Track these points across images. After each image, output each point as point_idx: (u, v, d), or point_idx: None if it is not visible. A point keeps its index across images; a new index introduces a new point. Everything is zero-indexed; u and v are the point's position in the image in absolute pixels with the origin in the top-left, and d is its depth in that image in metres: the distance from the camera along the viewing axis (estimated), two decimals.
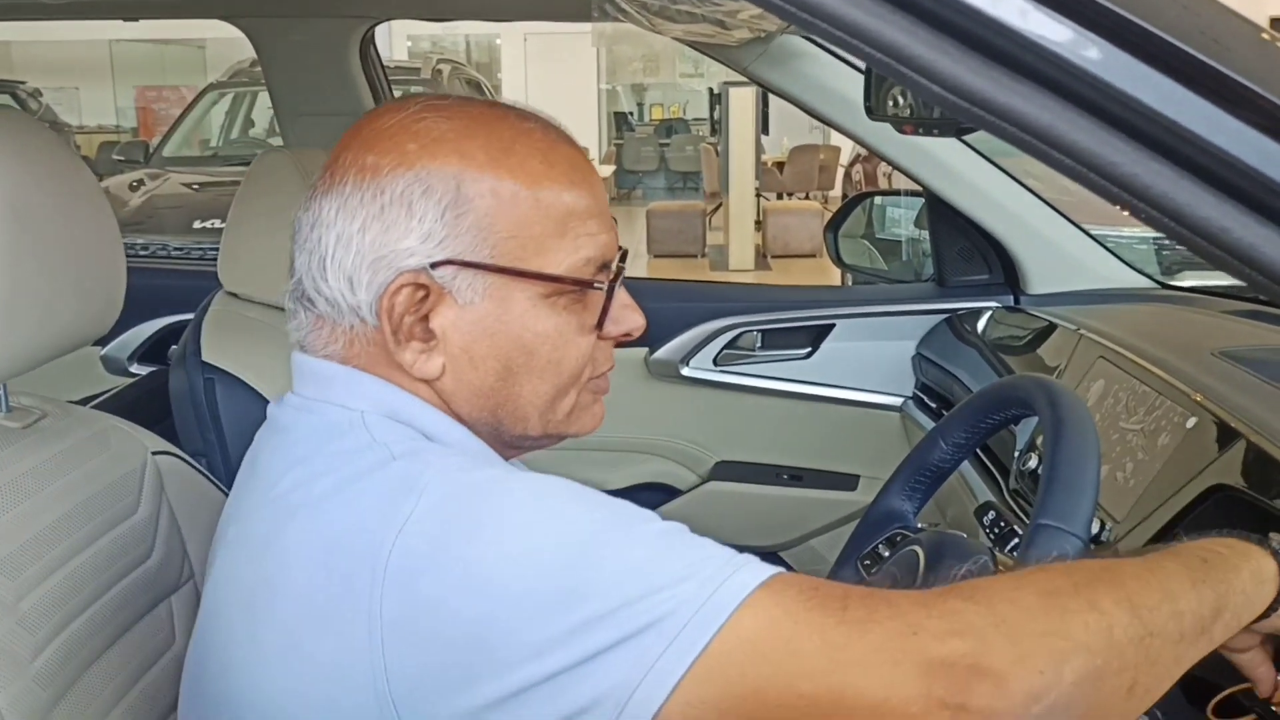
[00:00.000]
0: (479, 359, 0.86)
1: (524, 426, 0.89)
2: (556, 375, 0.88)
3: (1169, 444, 1.24)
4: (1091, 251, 2.03)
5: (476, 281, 0.84)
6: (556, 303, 0.86)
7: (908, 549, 1.01)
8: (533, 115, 0.89)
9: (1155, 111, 0.58)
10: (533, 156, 0.86)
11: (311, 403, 0.88)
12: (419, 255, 0.83)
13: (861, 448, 2.18)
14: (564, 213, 0.86)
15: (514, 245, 0.84)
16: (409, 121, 0.85)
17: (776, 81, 1.96)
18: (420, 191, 0.83)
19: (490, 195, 0.84)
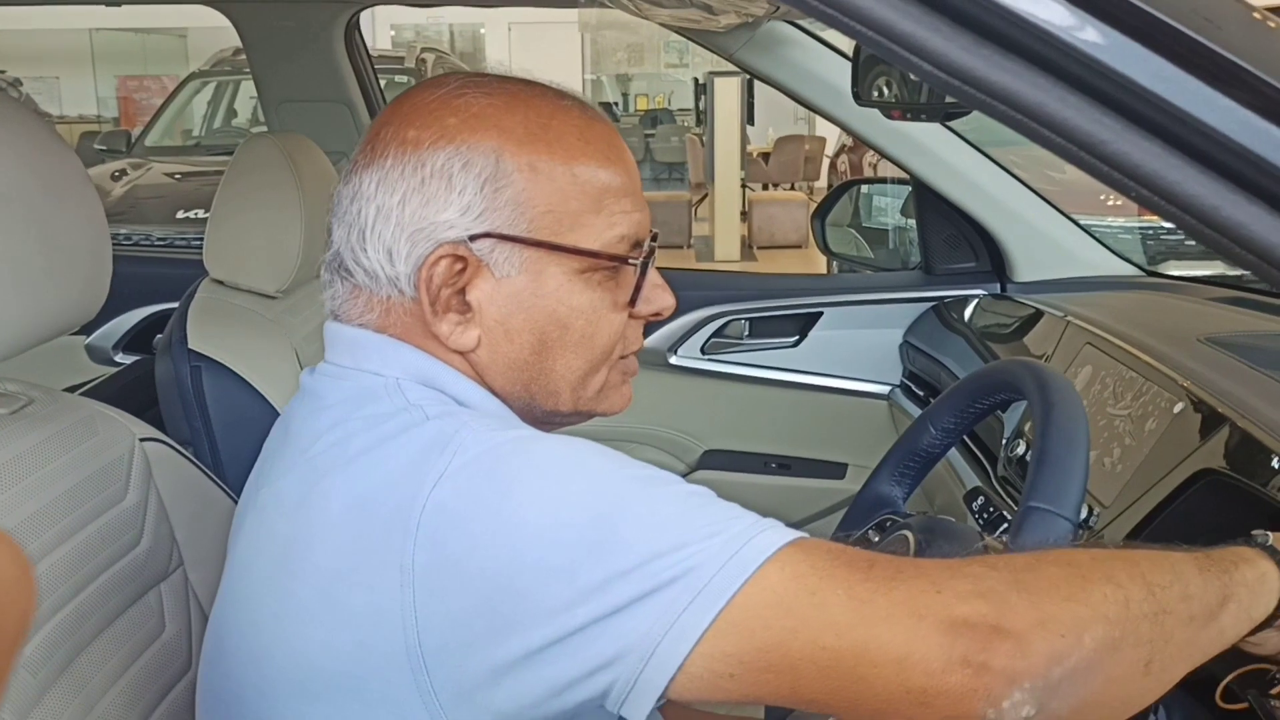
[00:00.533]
0: (514, 331, 0.87)
1: (556, 401, 0.90)
2: (589, 350, 0.89)
3: (1156, 429, 1.25)
4: (1078, 239, 2.03)
5: (514, 255, 0.86)
6: (591, 278, 0.87)
7: (898, 534, 1.01)
8: (569, 94, 0.91)
9: (1146, 89, 0.58)
10: (570, 133, 0.87)
11: (345, 370, 0.89)
12: (458, 228, 0.85)
13: (849, 436, 2.19)
14: (600, 189, 0.87)
15: (550, 220, 0.86)
16: (449, 97, 0.86)
17: (763, 68, 1.96)
18: (460, 165, 0.84)
19: (528, 170, 0.85)
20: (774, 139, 12.15)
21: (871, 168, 7.22)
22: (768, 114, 11.04)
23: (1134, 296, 1.87)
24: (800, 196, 10.49)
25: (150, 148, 7.16)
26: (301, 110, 2.06)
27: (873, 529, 1.12)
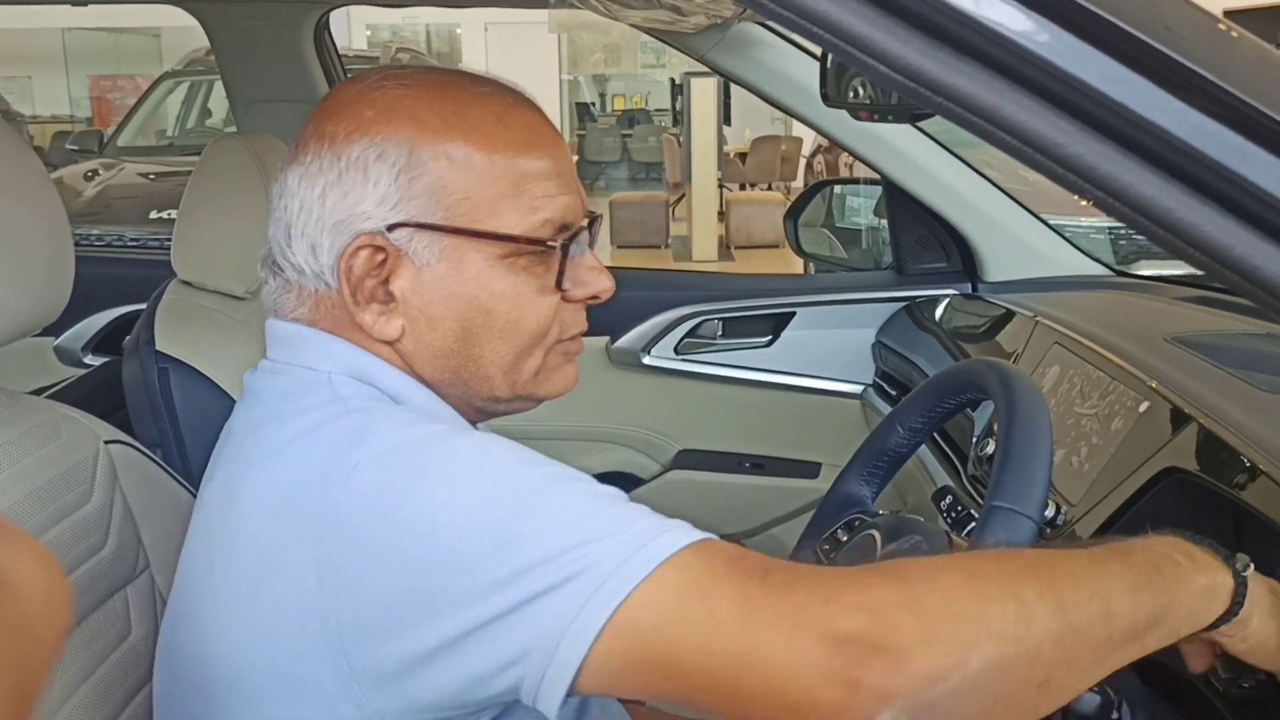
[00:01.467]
0: (437, 320, 0.88)
1: (490, 388, 0.91)
2: (516, 335, 0.89)
3: (1122, 428, 1.26)
4: (1048, 240, 2.05)
5: (432, 243, 0.87)
6: (515, 263, 0.88)
7: (865, 533, 1.02)
8: (491, 81, 0.91)
9: (1100, 93, 0.59)
10: (486, 120, 0.88)
11: (282, 366, 0.90)
12: (375, 218, 0.86)
13: (822, 435, 2.19)
14: (519, 174, 0.87)
15: (468, 206, 0.86)
16: (367, 90, 0.88)
17: (734, 69, 1.96)
18: (375, 156, 0.85)
19: (444, 158, 0.86)
20: (750, 139, 12.18)
21: (848, 168, 7.24)
22: (744, 115, 11.05)
23: (1102, 296, 1.89)
24: (777, 197, 10.52)
25: (123, 148, 7.10)
26: (271, 110, 2.05)
27: (841, 528, 1.13)
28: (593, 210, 0.95)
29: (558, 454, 2.33)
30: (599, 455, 2.27)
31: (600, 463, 2.27)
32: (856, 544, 1.00)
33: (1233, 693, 0.92)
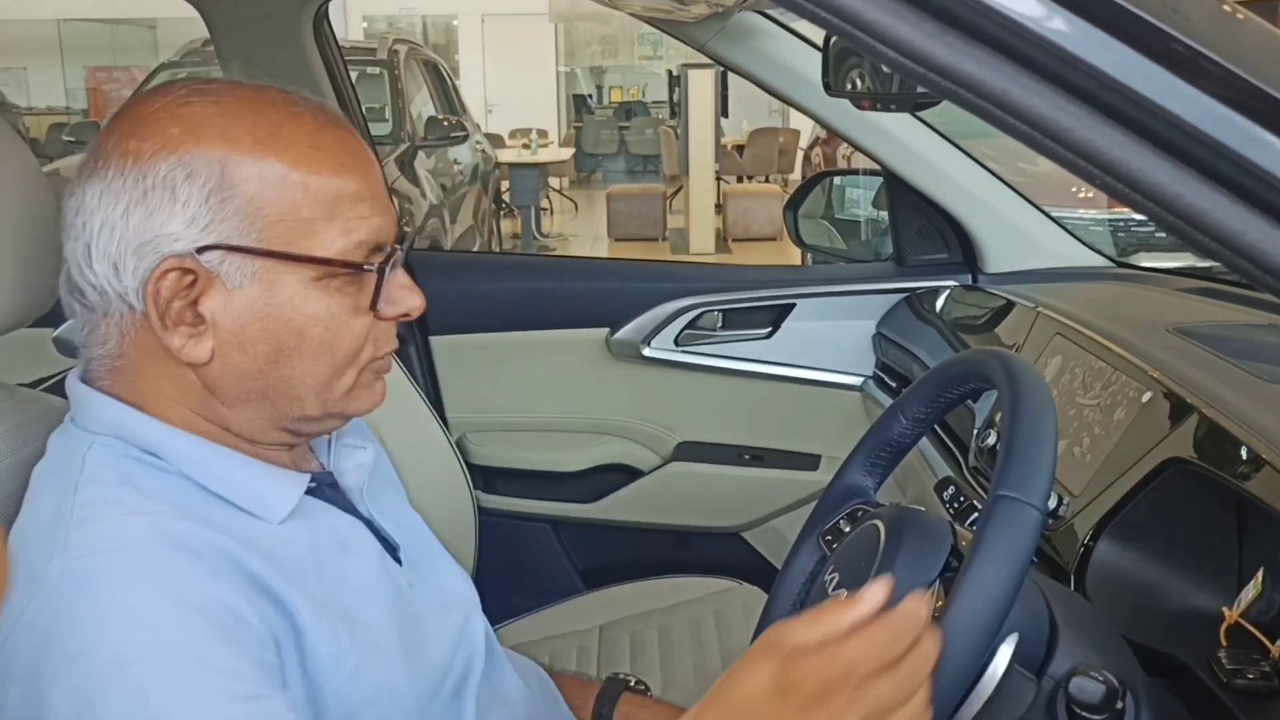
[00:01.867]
0: (248, 342, 0.87)
1: (300, 407, 0.90)
2: (331, 356, 0.89)
3: (1124, 419, 1.25)
4: (1049, 231, 2.04)
5: (245, 265, 0.85)
6: (329, 285, 0.87)
7: (868, 524, 1.01)
8: (302, 99, 0.89)
9: (1110, 77, 0.58)
10: (300, 140, 0.85)
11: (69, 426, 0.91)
12: (184, 240, 0.84)
13: (822, 427, 2.19)
14: (334, 196, 0.86)
15: (282, 229, 0.85)
16: (173, 106, 0.85)
17: (734, 59, 1.95)
18: (184, 176, 0.83)
19: (257, 179, 0.84)
20: (748, 132, 12.16)
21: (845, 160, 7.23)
22: (742, 107, 11.04)
23: (1104, 287, 1.88)
24: (775, 189, 10.51)
25: None
26: None
27: (844, 519, 1.12)
28: (405, 227, 0.95)
29: (556, 446, 2.33)
30: (598, 447, 2.27)
31: (599, 455, 2.26)
32: (859, 535, 1.00)
33: (1236, 683, 0.92)
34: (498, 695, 1.07)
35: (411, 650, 0.95)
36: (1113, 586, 1.15)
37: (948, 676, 0.78)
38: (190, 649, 0.77)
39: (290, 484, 0.93)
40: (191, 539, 0.82)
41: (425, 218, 6.01)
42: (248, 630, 0.80)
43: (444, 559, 1.11)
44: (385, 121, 6.53)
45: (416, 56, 7.51)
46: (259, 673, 0.79)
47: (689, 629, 1.79)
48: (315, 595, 0.88)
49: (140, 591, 0.77)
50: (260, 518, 0.90)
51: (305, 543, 0.91)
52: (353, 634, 0.89)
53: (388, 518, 1.04)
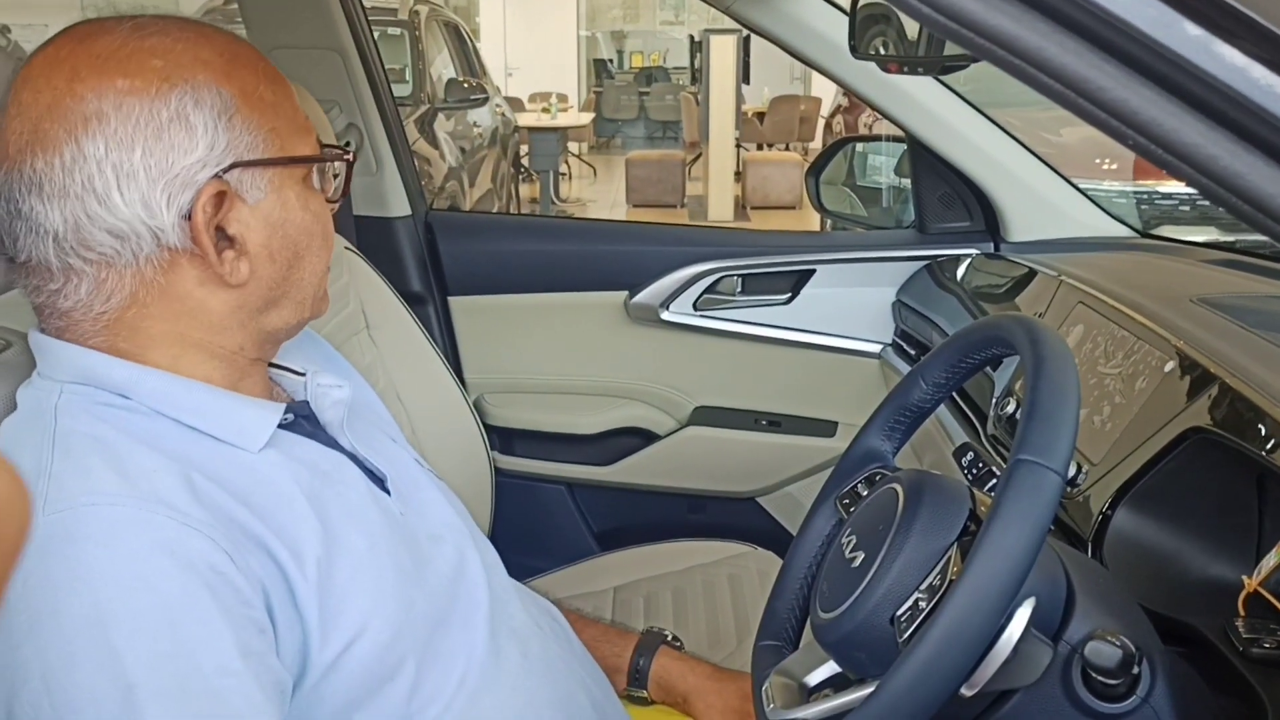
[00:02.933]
0: (275, 251, 0.93)
1: (300, 310, 0.96)
2: (325, 249, 0.97)
3: (1146, 388, 1.25)
4: (1073, 200, 2.02)
5: (258, 178, 0.90)
6: (310, 182, 0.95)
7: (886, 487, 1.01)
8: (205, 23, 0.94)
9: (1146, 35, 0.57)
10: (249, 58, 0.92)
11: (36, 379, 0.92)
12: (210, 165, 0.87)
13: (840, 394, 2.19)
14: (290, 103, 0.94)
15: (275, 138, 0.91)
16: (136, 41, 0.87)
17: (759, 21, 1.93)
18: (193, 104, 0.86)
19: (242, 96, 0.89)
20: (769, 99, 12.07)
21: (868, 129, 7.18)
22: (763, 73, 10.95)
23: (1128, 257, 1.87)
24: (795, 157, 10.45)
25: None
26: (293, 57, 2.03)
27: (862, 483, 1.12)
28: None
29: (573, 408, 2.34)
30: (615, 410, 2.27)
31: (616, 418, 2.27)
32: (877, 498, 1.00)
33: (1253, 652, 0.92)
34: (509, 628, 1.07)
35: (405, 575, 0.96)
36: (1131, 555, 1.15)
37: (964, 639, 0.78)
38: (167, 613, 0.76)
39: (265, 411, 0.94)
40: (172, 490, 0.81)
41: (444, 180, 6.00)
42: (230, 589, 0.80)
43: (434, 490, 1.12)
44: (405, 83, 6.51)
45: (438, 18, 7.47)
46: (235, 639, 0.78)
47: (703, 591, 1.80)
48: (299, 527, 0.88)
49: (120, 549, 0.77)
50: (238, 446, 0.90)
51: (287, 475, 0.91)
52: (339, 564, 0.89)
53: (372, 451, 1.04)
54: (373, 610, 0.90)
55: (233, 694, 0.77)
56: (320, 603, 0.87)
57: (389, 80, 2.23)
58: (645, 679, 1.29)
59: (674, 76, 14.87)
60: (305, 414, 1.00)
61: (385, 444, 1.11)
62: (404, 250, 2.18)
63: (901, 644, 0.83)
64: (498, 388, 2.28)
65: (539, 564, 1.94)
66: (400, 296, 1.86)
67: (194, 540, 0.79)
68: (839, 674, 0.96)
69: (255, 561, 0.83)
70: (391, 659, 0.91)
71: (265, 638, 0.82)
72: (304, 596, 0.86)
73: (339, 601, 0.88)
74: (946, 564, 0.87)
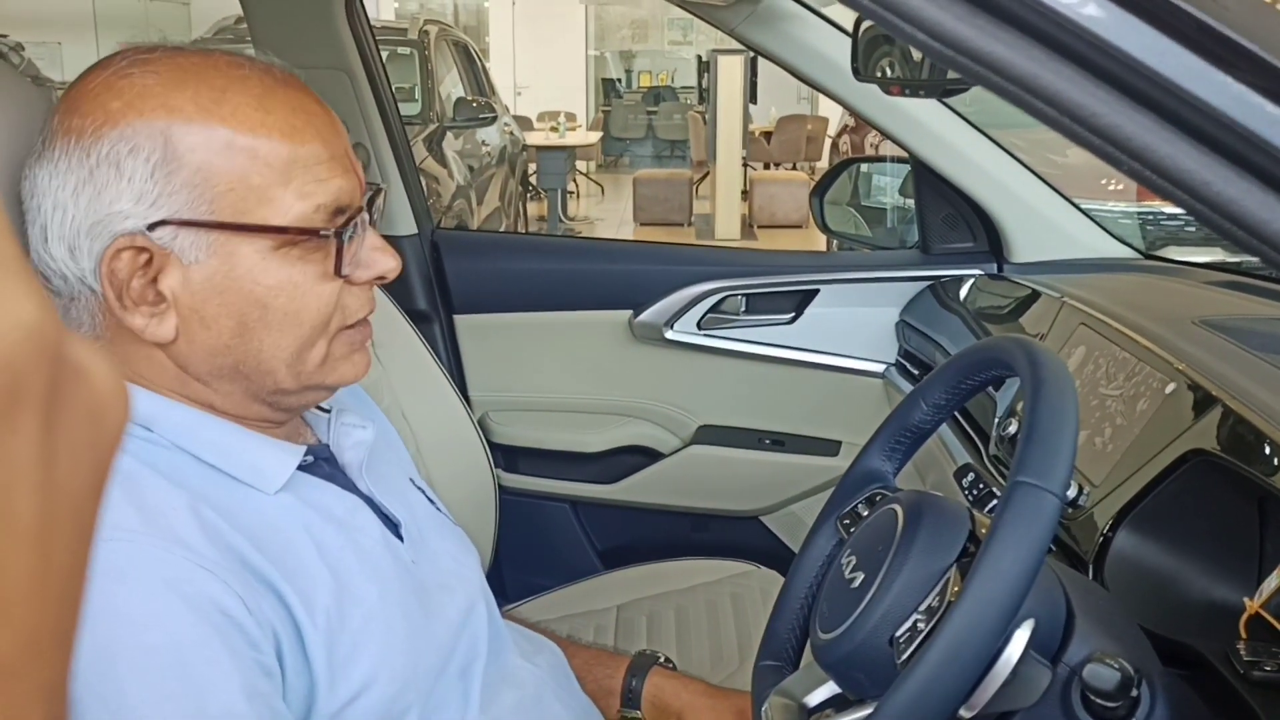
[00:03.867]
0: (210, 319, 0.85)
1: (274, 381, 0.88)
2: (297, 327, 0.86)
3: (1147, 410, 1.25)
4: (1076, 221, 2.03)
5: (199, 239, 0.82)
6: (289, 254, 0.84)
7: (886, 508, 1.01)
8: (249, 61, 0.86)
9: (1141, 64, 0.58)
10: (247, 105, 0.83)
11: None
12: (135, 217, 0.81)
13: (844, 413, 2.19)
14: (286, 161, 0.83)
15: (234, 198, 0.82)
16: (113, 79, 0.83)
17: (764, 43, 1.95)
18: (127, 150, 0.81)
19: (203, 149, 0.81)
20: (776, 118, 12.12)
21: (874, 149, 7.20)
22: (771, 93, 11.00)
23: (1131, 279, 1.87)
24: (802, 176, 10.48)
25: None
26: (300, 77, 2.04)
27: (862, 503, 1.12)
28: (375, 183, 0.92)
29: (577, 426, 2.34)
30: (619, 429, 2.27)
31: (620, 436, 2.27)
32: (877, 519, 1.00)
33: (1254, 675, 0.92)
34: (505, 677, 1.07)
35: (414, 627, 0.95)
36: (1131, 577, 1.15)
37: (962, 660, 0.78)
38: (177, 653, 0.76)
39: (284, 453, 0.92)
40: (189, 530, 0.80)
41: (452, 198, 6.03)
42: (239, 632, 0.79)
43: (449, 540, 1.11)
44: (415, 102, 6.54)
45: (447, 37, 7.51)
46: (242, 681, 0.77)
47: (705, 610, 1.80)
48: (311, 577, 0.87)
49: (133, 586, 0.76)
50: (255, 487, 0.89)
51: (299, 521, 0.90)
52: (350, 614, 0.88)
53: (389, 495, 1.03)
54: (381, 663, 0.89)
55: None
56: (329, 653, 0.86)
57: (396, 100, 2.24)
58: (638, 699, 1.29)
59: (682, 96, 14.93)
60: (325, 456, 0.99)
61: (404, 487, 1.10)
62: (410, 268, 2.19)
63: (900, 665, 0.84)
64: (502, 405, 2.28)
65: (542, 582, 1.94)
66: (406, 314, 1.87)
67: (207, 582, 0.78)
68: (839, 695, 0.96)
69: (266, 605, 0.82)
70: (395, 711, 0.90)
71: (273, 681, 0.81)
72: (313, 644, 0.85)
73: (348, 653, 0.87)
74: (945, 585, 0.87)
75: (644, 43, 16.78)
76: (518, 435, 2.27)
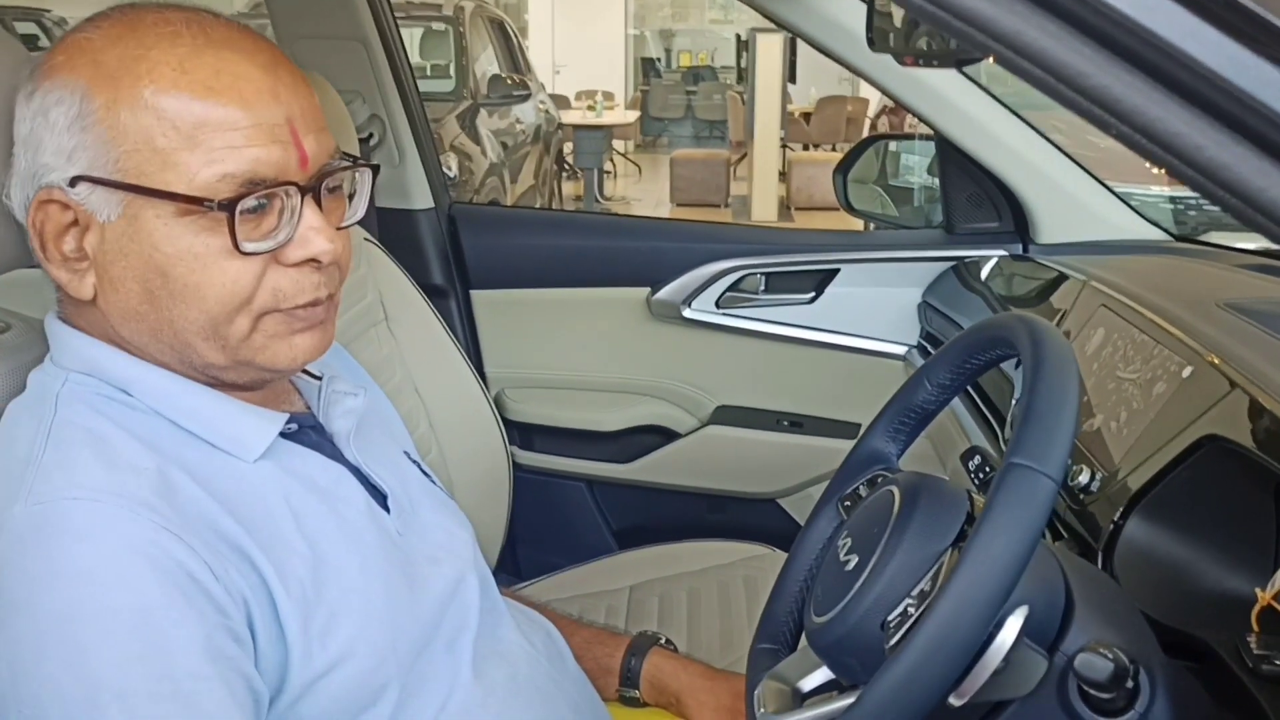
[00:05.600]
0: (117, 280, 0.84)
1: (199, 354, 0.86)
2: (200, 301, 0.83)
3: (1164, 393, 1.21)
4: (1105, 202, 1.98)
5: (110, 198, 0.81)
6: (194, 223, 0.81)
7: (884, 490, 0.99)
8: (198, 21, 0.83)
9: (1129, 18, 0.55)
10: (167, 63, 0.80)
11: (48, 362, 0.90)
12: (57, 171, 0.82)
13: (863, 395, 2.15)
14: (195, 123, 0.80)
15: (138, 159, 0.80)
16: (74, 32, 0.84)
17: (785, 14, 1.91)
18: (54, 103, 0.81)
19: (113, 105, 0.80)
20: (816, 99, 12.00)
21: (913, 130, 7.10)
22: (811, 74, 10.89)
23: (1158, 261, 1.82)
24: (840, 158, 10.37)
25: None
26: (315, 47, 2.03)
27: (864, 485, 1.10)
28: (349, 158, 0.88)
29: (593, 405, 2.32)
30: (635, 408, 2.25)
31: (636, 415, 2.25)
32: (874, 501, 0.97)
33: (1263, 669, 0.89)
34: (496, 650, 1.05)
35: (396, 599, 0.93)
36: (1142, 565, 1.11)
37: (949, 647, 0.75)
38: (141, 614, 0.75)
39: (265, 421, 0.91)
40: (158, 494, 0.80)
41: (485, 176, 6.01)
42: (205, 597, 0.78)
43: (440, 513, 1.09)
44: (449, 78, 6.53)
45: (483, 14, 7.49)
46: (207, 644, 0.77)
47: (718, 593, 1.78)
48: (287, 546, 0.86)
49: (97, 545, 0.76)
50: (234, 455, 0.88)
51: (279, 490, 0.89)
52: (327, 585, 0.87)
53: (378, 465, 1.01)
54: (359, 635, 0.88)
55: (203, 698, 0.75)
56: (304, 623, 0.85)
57: (415, 77, 2.22)
58: (637, 679, 1.28)
59: (721, 76, 14.82)
60: (311, 424, 0.98)
61: (395, 458, 1.08)
62: (426, 243, 2.18)
63: (888, 650, 0.81)
64: (518, 382, 2.27)
65: (556, 560, 1.93)
66: (421, 289, 1.86)
67: (173, 545, 0.77)
68: (833, 680, 0.94)
69: (236, 572, 0.81)
70: (374, 684, 0.89)
71: (242, 647, 0.80)
72: (286, 613, 0.84)
73: (325, 624, 0.86)
74: (939, 570, 0.85)
75: (684, 21, 16.65)
76: (533, 413, 2.26)
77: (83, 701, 0.72)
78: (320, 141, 0.86)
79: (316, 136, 0.85)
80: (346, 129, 1.70)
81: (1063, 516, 1.25)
